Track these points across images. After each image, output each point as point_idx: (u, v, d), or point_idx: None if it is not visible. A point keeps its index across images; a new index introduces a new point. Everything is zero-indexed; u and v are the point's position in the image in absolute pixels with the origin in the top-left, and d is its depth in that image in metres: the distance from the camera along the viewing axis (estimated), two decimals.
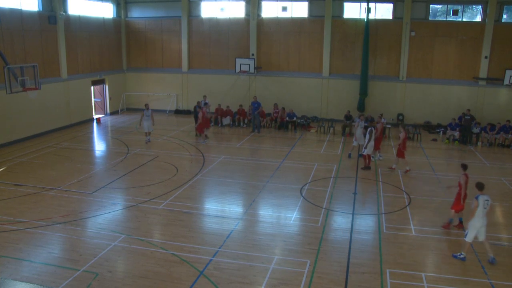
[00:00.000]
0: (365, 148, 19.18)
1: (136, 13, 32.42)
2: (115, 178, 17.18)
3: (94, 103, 30.24)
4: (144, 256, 11.05)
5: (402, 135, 19.16)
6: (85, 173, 17.75)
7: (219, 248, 11.53)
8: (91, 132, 26.17)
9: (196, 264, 10.64)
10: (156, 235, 12.52)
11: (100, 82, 30.41)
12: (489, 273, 10.57)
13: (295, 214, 14.15)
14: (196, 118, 24.92)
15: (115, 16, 31.73)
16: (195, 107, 25.77)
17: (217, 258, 10.97)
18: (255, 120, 26.38)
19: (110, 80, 31.22)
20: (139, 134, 25.11)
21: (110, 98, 31.36)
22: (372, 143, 19.15)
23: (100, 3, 29.99)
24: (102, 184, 16.45)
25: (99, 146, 23.70)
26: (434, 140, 25.59)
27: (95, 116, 29.53)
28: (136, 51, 33.04)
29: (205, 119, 23.12)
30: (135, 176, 17.59)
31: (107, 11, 30.97)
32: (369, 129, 19.27)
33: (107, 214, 13.65)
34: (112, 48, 31.69)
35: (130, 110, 32.81)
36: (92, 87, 29.44)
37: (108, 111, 31.28)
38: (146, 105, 23.32)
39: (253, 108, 26.49)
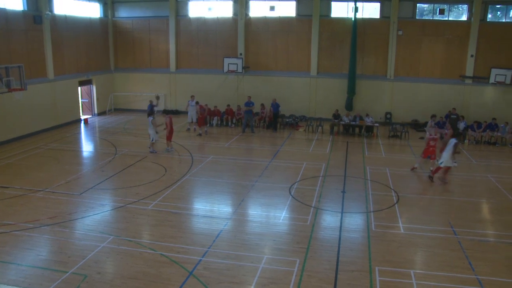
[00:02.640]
0: (442, 158, 17.38)
1: (123, 13, 32.25)
2: (103, 179, 17.07)
3: (82, 104, 30.03)
4: (133, 257, 10.99)
5: (449, 132, 19.75)
6: (73, 174, 17.61)
7: (209, 248, 11.50)
8: (79, 133, 25.99)
9: (185, 265, 10.60)
10: (145, 235, 12.47)
11: (87, 82, 30.19)
12: (476, 269, 10.67)
13: (284, 213, 14.16)
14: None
15: (102, 16, 31.53)
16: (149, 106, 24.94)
17: (207, 258, 10.95)
18: (249, 120, 26.35)
19: (98, 81, 31.01)
20: (127, 134, 25.04)
21: (97, 99, 31.13)
22: (447, 154, 17.21)
23: (86, 3, 29.77)
24: (90, 185, 16.33)
25: (87, 147, 23.53)
26: (422, 138, 25.72)
27: (83, 117, 29.32)
28: (123, 51, 32.86)
29: (171, 129, 21.86)
30: (124, 177, 17.49)
31: (94, 11, 30.75)
32: (454, 142, 17.21)
33: (96, 215, 13.56)
34: (99, 48, 31.49)
35: (118, 110, 32.62)
36: (79, 88, 29.23)
37: (96, 112, 31.07)
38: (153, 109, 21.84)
39: (245, 110, 26.38)
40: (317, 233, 12.64)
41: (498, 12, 28.08)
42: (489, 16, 27.84)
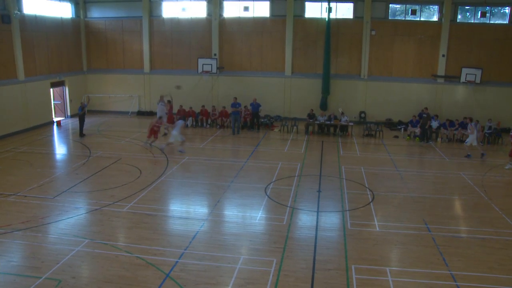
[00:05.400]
0: None
1: (96, 13, 31.80)
2: (77, 182, 16.79)
3: (54, 106, 29.49)
4: (109, 260, 10.85)
5: None
6: (46, 178, 17.27)
7: (185, 249, 11.44)
8: (51, 135, 25.51)
9: (162, 267, 10.52)
10: (121, 238, 12.33)
11: (60, 84, 29.69)
12: (449, 264, 10.87)
13: (260, 213, 14.18)
14: (81, 119, 24.61)
15: (73, 16, 31.01)
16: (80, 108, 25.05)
17: (183, 260, 10.88)
18: (236, 121, 26.22)
19: (70, 82, 30.51)
20: (101, 136, 24.70)
21: (70, 100, 30.62)
22: None
23: (57, 2, 29.23)
24: (63, 188, 16.04)
25: (60, 150, 23.13)
26: (396, 137, 26.14)
27: (55, 119, 28.82)
28: (96, 52, 32.41)
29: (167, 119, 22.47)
30: (98, 179, 17.24)
31: (65, 11, 30.23)
32: None
33: (70, 219, 13.34)
34: (72, 49, 30.97)
35: (91, 112, 32.08)
36: (51, 89, 28.72)
37: (69, 114, 30.56)
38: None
39: (232, 111, 26.27)
40: (293, 232, 12.68)
41: (467, 13, 28.68)
42: (459, 16, 28.41)
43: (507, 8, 27.85)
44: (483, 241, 12.32)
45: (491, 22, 28.13)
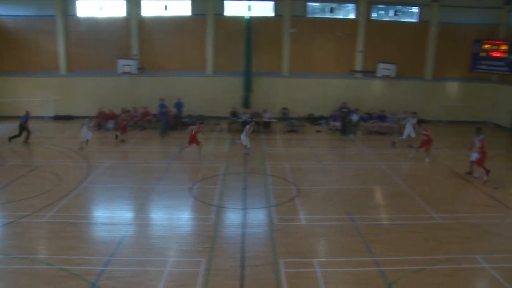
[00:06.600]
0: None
1: (3, 11, 29.83)
2: None
3: None
4: (28, 275, 10.21)
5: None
6: None
7: (111, 256, 11.07)
8: None
9: (87, 276, 10.11)
10: (41, 250, 11.72)
11: None
12: (373, 251, 11.38)
13: (186, 214, 14.09)
14: (21, 130, 23.06)
15: None
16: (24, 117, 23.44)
17: (110, 267, 10.53)
18: (165, 122, 25.82)
19: None
20: (16, 144, 23.22)
21: None
22: None
23: None
24: None
25: None
26: (318, 131, 26.84)
27: None
28: (6, 53, 30.41)
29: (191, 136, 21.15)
30: (13, 189, 16.20)
31: None
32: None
33: None
34: None
35: (3, 118, 30.18)
36: None
37: None
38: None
39: (161, 112, 25.86)
40: (221, 231, 12.68)
41: (381, 12, 29.97)
42: (374, 14, 29.68)
43: (416, 7, 29.48)
44: (402, 227, 13.01)
45: (402, 20, 29.66)
